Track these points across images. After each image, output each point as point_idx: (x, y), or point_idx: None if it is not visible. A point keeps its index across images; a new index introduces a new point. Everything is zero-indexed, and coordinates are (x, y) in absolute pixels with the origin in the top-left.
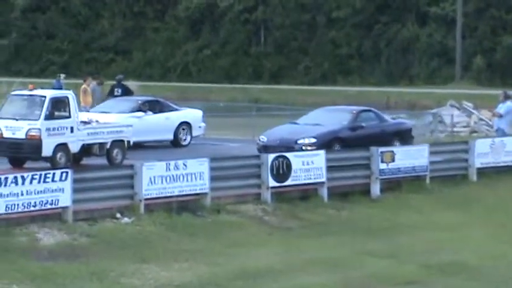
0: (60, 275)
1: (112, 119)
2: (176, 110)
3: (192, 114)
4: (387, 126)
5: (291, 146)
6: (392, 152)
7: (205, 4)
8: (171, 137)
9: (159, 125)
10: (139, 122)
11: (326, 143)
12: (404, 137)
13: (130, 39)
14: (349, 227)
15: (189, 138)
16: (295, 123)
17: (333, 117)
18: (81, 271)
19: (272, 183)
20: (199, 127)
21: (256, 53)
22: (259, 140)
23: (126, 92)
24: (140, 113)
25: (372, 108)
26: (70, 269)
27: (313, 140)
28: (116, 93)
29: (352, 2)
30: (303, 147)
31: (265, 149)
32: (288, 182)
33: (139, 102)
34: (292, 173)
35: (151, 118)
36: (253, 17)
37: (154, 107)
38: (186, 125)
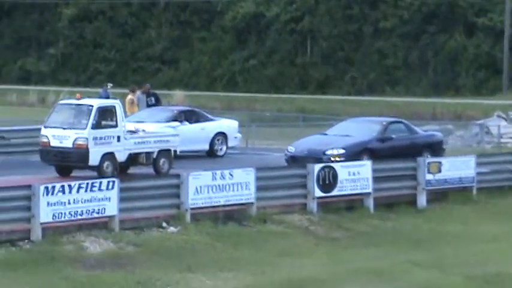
0: (107, 283)
1: (148, 128)
2: (212, 120)
3: (228, 125)
4: (417, 138)
5: (319, 157)
6: (439, 162)
7: (251, 14)
8: (206, 147)
9: (194, 135)
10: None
11: (355, 154)
12: (435, 149)
13: (177, 48)
14: (395, 238)
15: (224, 148)
16: (324, 134)
17: (362, 128)
18: (127, 280)
19: (318, 193)
20: (235, 137)
21: (303, 63)
22: (287, 150)
23: (157, 100)
24: (176, 123)
25: (403, 120)
26: (116, 277)
27: (342, 151)
28: (149, 103)
29: (399, 13)
30: (331, 158)
31: (293, 159)
32: (334, 193)
33: (175, 112)
34: (338, 184)
35: (186, 128)
36: (300, 26)
37: (190, 117)
38: (221, 135)
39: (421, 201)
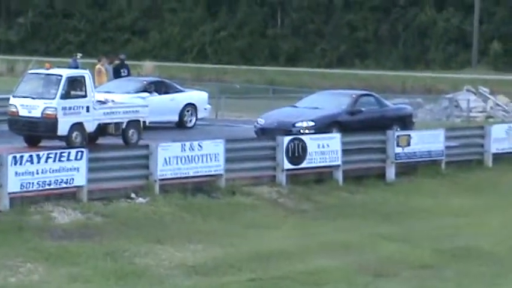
0: (75, 254)
1: (117, 99)
2: (182, 91)
3: (198, 96)
4: (387, 111)
5: (289, 129)
6: (409, 136)
7: None
8: (176, 118)
9: (164, 106)
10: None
11: (324, 126)
12: (405, 122)
13: (147, 19)
14: (364, 211)
15: (194, 119)
16: (294, 107)
17: (332, 101)
18: (95, 250)
19: (287, 165)
20: (205, 109)
21: (273, 34)
22: (257, 122)
23: (128, 72)
24: (145, 94)
25: (372, 93)
26: (84, 248)
27: (312, 124)
28: (122, 74)
29: None
30: (301, 131)
31: (263, 131)
32: (303, 165)
33: (145, 82)
34: (308, 156)
35: (156, 99)
36: None
37: (160, 88)
38: (191, 106)
39: (389, 174)
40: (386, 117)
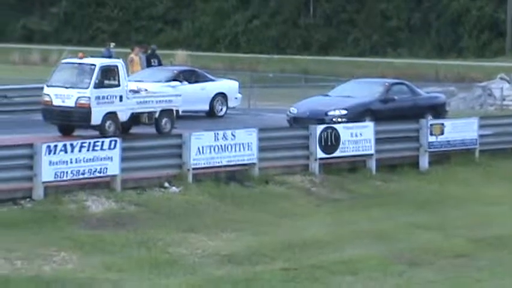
0: (108, 243)
1: (148, 88)
2: (212, 80)
3: (228, 85)
4: (420, 100)
5: (321, 118)
6: (442, 124)
7: None
8: (206, 107)
9: (194, 95)
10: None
11: (357, 115)
12: (438, 111)
13: (180, 8)
14: (397, 199)
15: (224, 109)
16: (327, 95)
17: (364, 90)
18: (129, 239)
19: (320, 154)
20: (236, 98)
21: (306, 24)
22: (289, 111)
23: (159, 63)
24: (175, 83)
25: (405, 81)
26: (118, 237)
27: (344, 112)
28: (152, 64)
29: None
30: (334, 119)
31: (295, 120)
32: (336, 154)
33: (175, 72)
34: (341, 145)
35: (186, 88)
36: None
37: (190, 77)
38: (221, 95)
39: (423, 163)
40: (419, 106)
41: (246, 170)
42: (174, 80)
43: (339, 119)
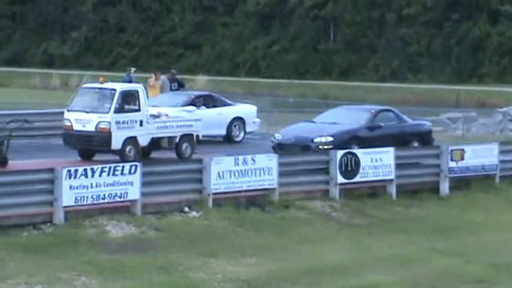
0: (128, 267)
1: (166, 113)
2: (230, 105)
3: (246, 110)
4: (406, 127)
5: (307, 144)
6: (463, 150)
7: None
8: (223, 132)
9: (211, 119)
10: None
11: (344, 142)
12: (424, 138)
13: (200, 33)
14: (417, 225)
15: (242, 133)
16: (312, 122)
17: (351, 116)
18: (149, 264)
19: (340, 179)
20: (254, 123)
21: (326, 49)
22: (274, 137)
23: (179, 85)
24: (191, 108)
25: (392, 108)
26: (138, 261)
27: (330, 139)
28: (172, 88)
29: (422, 0)
30: (320, 146)
31: (280, 147)
32: (357, 179)
33: (192, 96)
34: (361, 170)
35: (203, 113)
36: (323, 13)
37: (208, 101)
38: (239, 120)
39: (443, 188)
40: (406, 133)
41: (266, 195)
42: (191, 104)
43: (325, 146)
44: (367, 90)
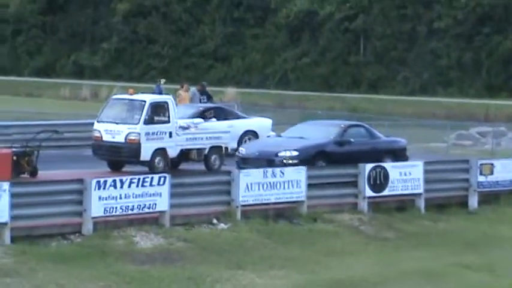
0: (157, 278)
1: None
2: (242, 118)
3: (260, 123)
4: (378, 144)
5: (271, 158)
6: (492, 164)
7: (305, 11)
8: (234, 145)
9: None
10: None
11: (309, 157)
12: (398, 155)
13: (230, 45)
14: (446, 239)
15: None
16: (279, 136)
17: (319, 131)
18: (177, 275)
19: (369, 193)
20: (268, 136)
21: (355, 62)
22: (239, 151)
23: (208, 98)
24: (198, 120)
25: (363, 124)
26: (166, 273)
27: (295, 153)
28: (202, 101)
29: (453, 13)
30: (284, 161)
31: (244, 161)
32: (385, 192)
33: (201, 109)
34: (390, 184)
35: (212, 125)
36: (353, 25)
37: (219, 114)
38: (251, 133)
39: (472, 203)
40: (378, 150)
41: (295, 207)
42: (199, 117)
43: (290, 161)
44: (396, 103)
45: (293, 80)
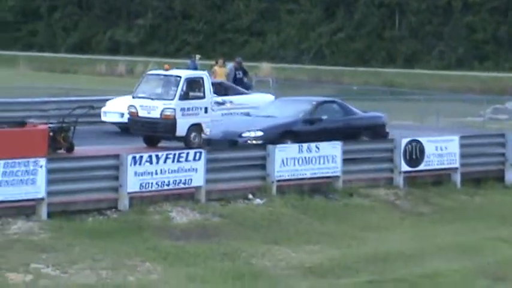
0: (192, 254)
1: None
2: (243, 93)
3: (260, 99)
4: (354, 120)
5: (235, 139)
6: None
7: None
8: None
9: None
10: None
11: (275, 137)
12: (376, 132)
13: (265, 20)
14: (482, 213)
15: None
16: (247, 115)
17: (289, 109)
18: (212, 251)
19: (405, 167)
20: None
21: (391, 36)
22: (205, 132)
23: (244, 74)
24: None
25: (337, 100)
26: (202, 248)
27: (260, 134)
28: (237, 76)
29: None
30: (248, 141)
31: (208, 143)
32: (421, 167)
33: None
34: (425, 158)
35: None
36: (388, 0)
37: (219, 90)
38: (252, 110)
39: (509, 177)
40: (353, 127)
41: (330, 182)
42: None
43: (253, 141)
44: (431, 78)
45: (328, 55)
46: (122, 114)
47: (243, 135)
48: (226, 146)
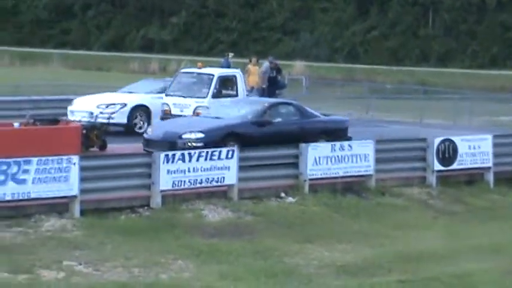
0: (225, 252)
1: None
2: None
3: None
4: (310, 124)
5: (174, 141)
6: None
7: None
8: None
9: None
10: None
11: (217, 139)
12: (336, 135)
13: (298, 19)
14: None
15: None
16: (196, 116)
17: (239, 110)
18: (245, 249)
19: (438, 166)
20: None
21: (424, 35)
22: (146, 132)
23: (278, 73)
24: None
25: (293, 102)
26: (234, 246)
27: (200, 135)
28: (271, 75)
29: None
30: (189, 144)
31: (148, 144)
32: (454, 166)
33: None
34: (458, 157)
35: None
36: None
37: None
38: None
39: None
40: (308, 130)
41: (363, 181)
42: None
43: (193, 144)
44: (465, 76)
45: (362, 53)
46: (91, 113)
47: (183, 136)
48: (166, 148)
